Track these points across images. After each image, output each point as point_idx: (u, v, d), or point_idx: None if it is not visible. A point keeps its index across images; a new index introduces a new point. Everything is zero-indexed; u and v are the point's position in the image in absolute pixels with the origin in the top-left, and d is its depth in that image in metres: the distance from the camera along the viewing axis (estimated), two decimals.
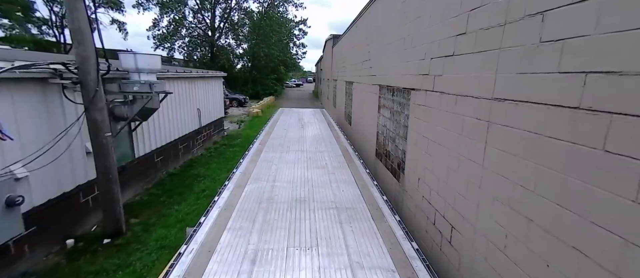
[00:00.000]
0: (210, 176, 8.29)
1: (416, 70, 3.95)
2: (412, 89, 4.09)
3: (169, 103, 8.58)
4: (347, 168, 4.46)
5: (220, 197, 3.29)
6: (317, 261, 2.19)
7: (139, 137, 7.11)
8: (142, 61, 5.91)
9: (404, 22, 4.54)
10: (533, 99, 1.91)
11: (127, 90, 5.96)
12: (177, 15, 30.92)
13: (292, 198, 3.31)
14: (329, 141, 6.27)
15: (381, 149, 5.77)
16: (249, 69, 36.53)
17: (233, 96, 25.65)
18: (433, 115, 3.41)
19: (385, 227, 2.72)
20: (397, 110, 4.81)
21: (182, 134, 9.56)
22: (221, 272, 2.05)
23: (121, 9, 28.65)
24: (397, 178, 4.74)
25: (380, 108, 5.93)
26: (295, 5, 35.21)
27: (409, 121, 4.24)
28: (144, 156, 7.35)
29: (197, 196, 6.92)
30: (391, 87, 5.14)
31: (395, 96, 4.93)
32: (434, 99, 3.39)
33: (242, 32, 34.51)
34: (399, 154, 4.64)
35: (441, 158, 3.17)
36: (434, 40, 3.43)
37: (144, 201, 6.60)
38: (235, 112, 22.39)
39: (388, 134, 5.31)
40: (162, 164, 8.21)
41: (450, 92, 3.02)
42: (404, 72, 4.48)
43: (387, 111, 5.41)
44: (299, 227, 2.68)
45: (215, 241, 2.41)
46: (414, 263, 2.20)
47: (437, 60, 3.31)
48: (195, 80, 10.56)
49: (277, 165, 4.48)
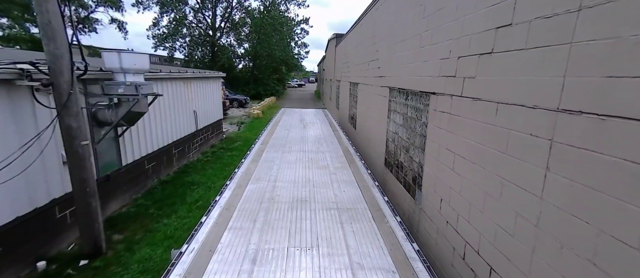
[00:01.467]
0: (205, 183, 7.73)
1: (437, 71, 3.36)
2: (432, 93, 3.50)
3: (162, 106, 8.03)
4: (349, 169, 4.42)
5: (222, 197, 3.27)
6: (318, 261, 2.18)
7: (127, 143, 6.56)
8: (127, 60, 5.36)
9: (420, 15, 3.95)
10: (636, 115, 1.32)
11: (110, 92, 5.42)
12: (178, 15, 30.46)
13: (293, 198, 3.29)
14: (331, 142, 6.21)
15: (391, 159, 5.18)
16: (250, 69, 36.03)
17: (233, 97, 25.13)
18: (462, 125, 2.82)
19: (386, 228, 2.70)
20: (411, 116, 4.22)
21: (177, 139, 9.02)
22: (222, 271, 2.04)
23: (121, 8, 28.17)
24: (411, 194, 4.15)
25: (390, 112, 5.34)
26: (298, 4, 34.71)
27: (427, 129, 3.65)
28: (133, 163, 6.79)
29: (189, 208, 6.36)
30: (404, 90, 4.55)
31: (409, 100, 4.34)
32: (463, 106, 2.80)
33: (243, 31, 34.00)
34: (414, 167, 4.05)
35: (474, 179, 2.58)
36: (462, 35, 2.84)
37: (130, 214, 6.05)
38: (236, 113, 21.86)
39: (400, 142, 4.72)
40: (153, 171, 7.66)
41: (487, 98, 2.43)
42: (420, 73, 3.89)
43: (398, 116, 4.82)
44: (299, 227, 2.67)
45: (216, 241, 2.40)
46: (415, 264, 2.18)
47: (468, 59, 2.72)
48: (191, 80, 10.01)
49: (279, 165, 4.44)
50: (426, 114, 3.68)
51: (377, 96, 6.32)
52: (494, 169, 2.32)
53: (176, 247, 3.48)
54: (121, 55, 5.32)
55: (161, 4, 29.43)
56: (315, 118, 9.55)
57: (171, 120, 8.61)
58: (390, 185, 5.17)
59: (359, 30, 9.07)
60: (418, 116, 3.97)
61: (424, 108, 3.76)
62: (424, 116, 3.75)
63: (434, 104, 3.46)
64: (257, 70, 35.53)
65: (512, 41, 2.16)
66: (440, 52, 3.31)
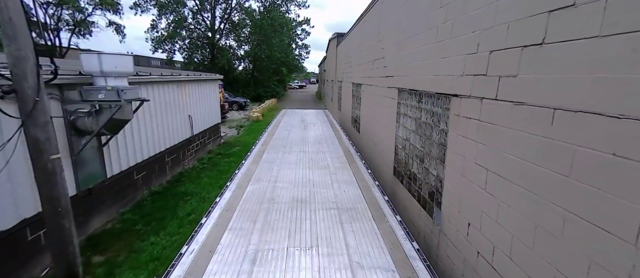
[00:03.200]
0: (199, 194, 7.20)
1: (460, 68, 2.82)
2: (453, 96, 2.95)
3: (153, 111, 7.52)
4: (349, 169, 4.39)
5: (222, 198, 3.26)
6: (317, 261, 2.18)
7: (113, 152, 6.05)
8: (108, 62, 4.85)
9: (435, 5, 3.41)
10: None
11: (90, 98, 4.91)
12: (176, 17, 30.02)
13: (294, 199, 3.28)
14: (331, 142, 6.18)
15: (402, 168, 4.63)
16: (250, 70, 35.56)
17: (233, 100, 24.65)
18: (498, 135, 2.27)
19: (386, 227, 2.69)
20: (427, 122, 3.68)
21: (170, 146, 8.50)
22: (221, 272, 2.05)
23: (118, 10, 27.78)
24: (428, 211, 3.60)
25: (399, 116, 4.80)
26: (298, 5, 34.22)
27: (447, 138, 3.10)
28: (120, 174, 6.28)
29: (180, 222, 5.84)
30: (416, 91, 4.01)
31: (423, 103, 3.79)
32: (499, 112, 2.25)
33: (243, 33, 33.53)
34: (431, 180, 3.50)
35: (518, 206, 2.03)
36: (496, 23, 2.30)
37: (115, 231, 5.53)
38: (235, 116, 21.38)
39: (412, 151, 4.18)
40: (144, 181, 7.15)
41: (537, 103, 1.88)
42: (437, 71, 3.35)
43: (410, 121, 4.28)
44: (299, 227, 2.66)
45: (216, 242, 2.41)
46: (415, 263, 2.17)
47: (506, 53, 2.18)
48: (185, 84, 9.50)
49: (279, 166, 4.42)
50: (446, 120, 3.14)
51: (384, 97, 5.78)
52: (549, 197, 1.77)
53: (159, 274, 3.05)
54: (101, 57, 4.81)
55: (159, 6, 29.02)
56: (316, 119, 9.48)
57: (164, 126, 8.10)
58: (401, 198, 4.62)
59: (362, 27, 8.54)
60: (435, 122, 3.42)
61: (443, 113, 3.21)
62: (443, 122, 3.21)
63: (456, 108, 2.91)
64: (257, 72, 35.04)
65: (575, 27, 1.61)
66: (464, 47, 2.76)
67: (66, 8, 25.37)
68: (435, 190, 3.38)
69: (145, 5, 28.92)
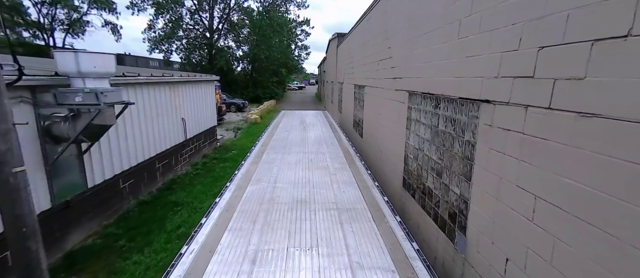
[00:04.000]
0: (190, 204, 6.70)
1: (494, 69, 2.34)
2: (484, 101, 2.47)
3: (142, 114, 7.02)
4: (349, 169, 4.37)
5: (222, 198, 3.25)
6: (317, 261, 2.16)
7: (96, 160, 5.55)
8: (85, 62, 4.36)
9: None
10: None
11: (65, 102, 4.40)
12: (173, 16, 29.52)
13: (293, 199, 3.27)
14: (331, 143, 6.17)
15: (414, 181, 4.15)
16: (249, 71, 35.06)
17: (231, 101, 24.16)
18: (553, 154, 1.78)
19: (386, 228, 2.68)
20: (446, 131, 3.19)
21: (162, 151, 8.00)
22: (221, 272, 2.04)
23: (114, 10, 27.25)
24: (447, 235, 3.12)
25: (410, 122, 4.32)
26: (297, 5, 33.77)
27: (474, 152, 2.62)
28: (104, 183, 5.77)
29: (168, 237, 5.34)
30: (432, 95, 3.53)
31: (441, 109, 3.31)
32: (555, 125, 1.76)
33: (242, 33, 33.03)
34: (452, 199, 3.02)
35: (593, 253, 1.54)
36: (549, 12, 1.82)
37: (95, 248, 5.02)
38: (233, 118, 20.88)
39: (427, 162, 3.69)
40: (131, 190, 6.64)
41: (622, 116, 1.40)
42: (460, 72, 2.87)
43: (424, 128, 3.79)
44: (299, 228, 2.65)
45: (215, 242, 2.40)
46: (414, 263, 2.16)
47: (566, 49, 1.70)
48: (178, 85, 9.01)
49: (279, 166, 4.42)
50: (473, 130, 2.65)
51: (391, 101, 5.29)
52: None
53: None
54: (77, 55, 4.31)
55: (156, 6, 28.51)
56: (316, 120, 9.49)
57: (154, 130, 7.59)
58: (413, 214, 4.14)
59: (365, 26, 8.06)
60: (457, 131, 2.94)
61: (469, 121, 2.72)
62: (469, 132, 2.72)
63: (487, 117, 2.43)
64: (256, 73, 34.55)
65: None
66: (498, 43, 2.28)
67: (61, 7, 24.86)
68: (458, 211, 2.89)
69: (142, 4, 28.43)
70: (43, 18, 24.25)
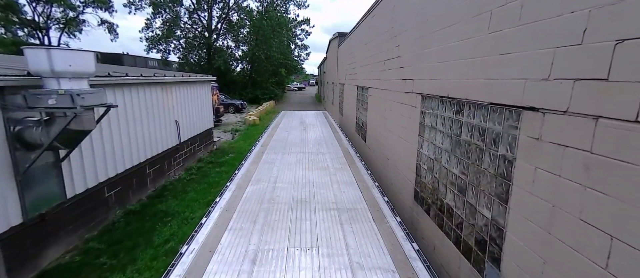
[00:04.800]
0: (181, 213, 6.22)
1: (542, 69, 1.88)
2: (527, 109, 2.01)
3: (131, 117, 6.55)
4: (349, 170, 4.36)
5: (222, 198, 3.24)
6: (317, 261, 2.15)
7: (76, 168, 5.07)
8: (60, 60, 3.90)
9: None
10: None
11: (36, 105, 3.93)
12: (171, 15, 29.04)
13: (293, 199, 3.26)
14: (331, 143, 6.15)
15: (428, 195, 3.69)
16: (248, 72, 34.59)
17: (229, 102, 23.68)
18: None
19: (386, 228, 2.66)
20: (471, 141, 2.73)
21: (153, 155, 7.52)
22: (221, 271, 2.03)
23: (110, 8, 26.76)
24: (473, 264, 2.65)
25: (423, 129, 3.86)
26: (297, 5, 33.32)
27: (513, 170, 2.16)
28: (86, 193, 5.29)
29: (155, 253, 4.86)
30: (453, 99, 3.07)
31: (464, 116, 2.85)
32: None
33: (241, 33, 32.55)
34: (481, 223, 2.55)
35: None
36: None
37: (72, 266, 4.54)
38: (231, 119, 20.40)
39: (445, 175, 3.23)
40: (118, 198, 6.16)
41: None
42: (492, 73, 2.41)
43: (441, 136, 3.33)
44: (299, 228, 2.64)
45: (216, 242, 2.38)
46: (414, 264, 2.15)
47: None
48: (171, 86, 8.53)
49: (279, 167, 4.41)
50: (510, 143, 2.19)
51: (400, 104, 4.83)
52: None
53: None
54: (50, 53, 3.84)
55: (154, 5, 28.03)
56: (316, 120, 9.49)
57: (144, 134, 7.12)
58: (427, 233, 3.67)
59: (369, 23, 7.60)
60: (488, 143, 2.47)
61: (504, 132, 2.26)
62: (504, 145, 2.26)
63: (533, 128, 1.96)
64: (255, 73, 34.09)
65: None
66: (550, 35, 1.82)
67: (56, 5, 24.36)
68: (489, 239, 2.43)
69: (139, 3, 27.96)
70: (38, 16, 23.74)
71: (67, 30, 26.43)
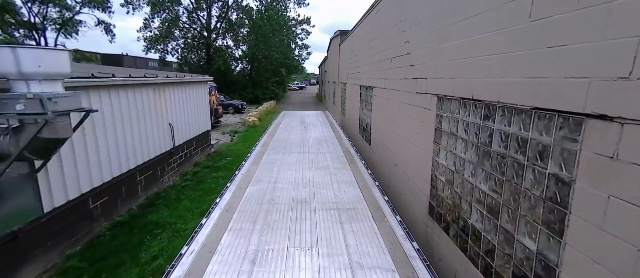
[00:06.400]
0: (172, 225, 5.77)
1: (617, 64, 1.42)
2: (594, 117, 1.54)
3: (119, 121, 6.11)
4: (349, 169, 4.32)
5: (222, 198, 3.22)
6: (317, 261, 2.14)
7: (55, 178, 4.63)
8: (28, 60, 3.46)
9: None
10: None
11: (2, 110, 3.48)
12: (170, 15, 28.59)
13: (294, 199, 3.23)
14: (331, 143, 6.10)
15: (446, 212, 3.22)
16: (248, 72, 34.13)
17: (229, 102, 23.25)
18: None
19: (386, 227, 2.64)
20: (507, 154, 2.26)
21: (144, 161, 7.08)
22: (221, 272, 2.02)
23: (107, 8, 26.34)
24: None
25: (441, 134, 3.39)
26: (297, 3, 32.83)
27: (572, 194, 1.68)
28: (66, 206, 4.85)
29: (141, 272, 4.42)
30: (479, 101, 2.60)
31: (496, 122, 2.38)
32: None
33: (241, 32, 32.07)
34: (521, 255, 2.08)
35: None
36: None
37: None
38: (231, 120, 19.96)
39: (469, 191, 2.76)
40: (104, 210, 5.72)
41: None
42: (536, 71, 1.94)
43: (464, 145, 2.86)
44: (299, 228, 2.62)
45: (216, 242, 2.38)
46: (414, 263, 2.13)
47: None
48: (164, 87, 8.08)
49: (279, 167, 4.39)
50: (565, 159, 1.72)
51: (410, 106, 4.37)
52: None
53: None
54: (17, 51, 3.38)
55: (152, 4, 27.59)
56: (316, 120, 9.47)
57: (134, 138, 6.67)
58: (445, 254, 3.20)
59: (374, 19, 7.13)
60: (530, 157, 2.00)
61: (556, 145, 1.79)
62: (556, 162, 1.79)
63: (604, 144, 1.49)
64: (255, 73, 33.63)
65: None
66: (630, 19, 1.35)
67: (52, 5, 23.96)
68: (534, 277, 1.96)
69: (136, 2, 27.51)
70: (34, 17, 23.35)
71: (63, 30, 25.99)
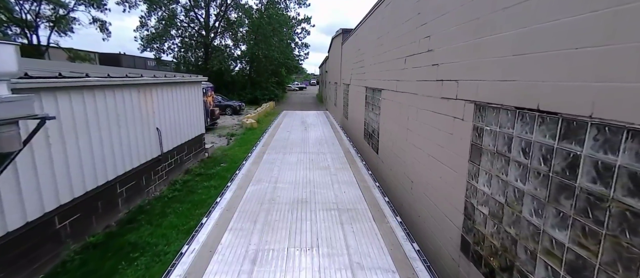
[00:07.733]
0: (154, 247, 5.02)
1: None
2: None
3: (94, 127, 5.37)
4: (349, 170, 4.31)
5: (222, 198, 3.22)
6: (318, 261, 2.14)
7: (9, 197, 3.89)
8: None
9: None
10: None
11: None
12: (167, 13, 27.83)
13: (294, 199, 3.24)
14: (332, 143, 6.12)
15: (488, 251, 2.48)
16: (247, 72, 33.38)
17: (227, 103, 22.50)
18: None
19: (386, 228, 2.64)
20: (604, 194, 1.52)
21: (126, 171, 6.34)
22: (222, 272, 2.02)
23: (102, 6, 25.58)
24: None
25: (480, 153, 2.66)
26: (298, 2, 32.10)
27: None
28: (25, 228, 4.11)
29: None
30: (554, 114, 1.87)
31: (581, 144, 1.64)
32: None
33: (240, 31, 31.33)
34: None
35: None
36: None
37: None
38: (228, 122, 19.21)
39: (530, 232, 2.03)
40: (74, 229, 4.97)
41: None
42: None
43: (522, 171, 2.13)
44: (300, 228, 2.62)
45: (216, 242, 2.38)
46: (415, 264, 2.13)
47: None
48: (150, 88, 7.34)
49: (280, 167, 4.38)
50: None
51: (432, 114, 3.64)
52: None
53: None
54: None
55: (148, 2, 26.84)
56: (317, 120, 9.49)
57: (114, 146, 5.94)
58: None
59: (382, 14, 6.40)
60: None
61: None
62: None
63: None
64: (254, 73, 32.86)
65: None
66: None
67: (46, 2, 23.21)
68: None
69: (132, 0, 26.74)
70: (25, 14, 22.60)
71: (57, 28, 25.23)
